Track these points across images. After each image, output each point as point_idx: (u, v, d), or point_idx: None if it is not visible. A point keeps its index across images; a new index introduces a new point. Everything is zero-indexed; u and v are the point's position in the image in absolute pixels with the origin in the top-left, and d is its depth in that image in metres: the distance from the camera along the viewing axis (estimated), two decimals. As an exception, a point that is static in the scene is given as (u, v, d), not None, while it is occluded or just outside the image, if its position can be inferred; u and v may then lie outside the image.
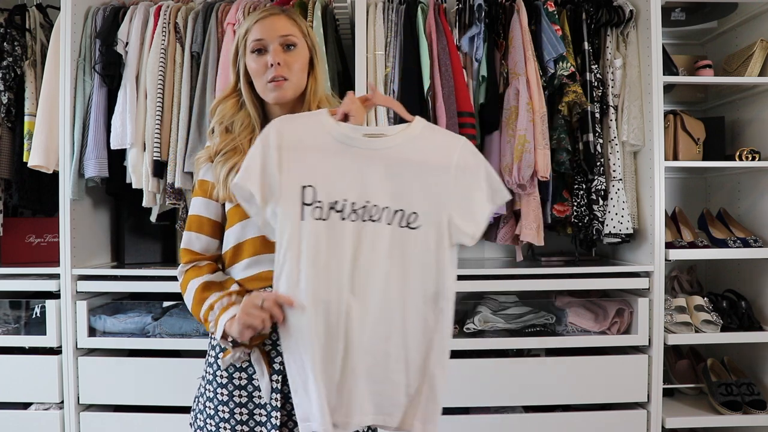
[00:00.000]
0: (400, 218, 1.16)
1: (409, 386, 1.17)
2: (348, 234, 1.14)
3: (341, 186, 1.15)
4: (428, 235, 1.17)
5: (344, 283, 1.13)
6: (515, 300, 2.29)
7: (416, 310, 1.17)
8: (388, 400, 1.17)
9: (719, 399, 2.20)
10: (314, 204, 1.14)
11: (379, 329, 1.15)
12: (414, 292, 1.17)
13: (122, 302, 2.31)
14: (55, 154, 2.16)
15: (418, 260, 1.17)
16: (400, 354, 1.16)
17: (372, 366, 1.16)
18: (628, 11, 2.23)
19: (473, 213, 1.19)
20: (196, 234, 1.29)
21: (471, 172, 1.19)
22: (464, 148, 1.21)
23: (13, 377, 2.13)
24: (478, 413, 2.16)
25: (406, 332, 1.17)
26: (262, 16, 1.28)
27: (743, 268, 2.44)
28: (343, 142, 1.17)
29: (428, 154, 1.18)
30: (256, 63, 1.26)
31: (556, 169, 2.18)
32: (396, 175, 1.16)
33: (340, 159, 1.16)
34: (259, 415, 1.24)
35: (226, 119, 1.30)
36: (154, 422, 2.10)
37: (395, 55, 2.14)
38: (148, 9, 2.22)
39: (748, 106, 2.45)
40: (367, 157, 1.16)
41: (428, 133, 1.22)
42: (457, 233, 1.18)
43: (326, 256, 1.13)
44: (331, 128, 1.18)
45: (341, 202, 1.14)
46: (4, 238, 2.34)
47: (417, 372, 1.17)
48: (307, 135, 1.17)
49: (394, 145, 1.18)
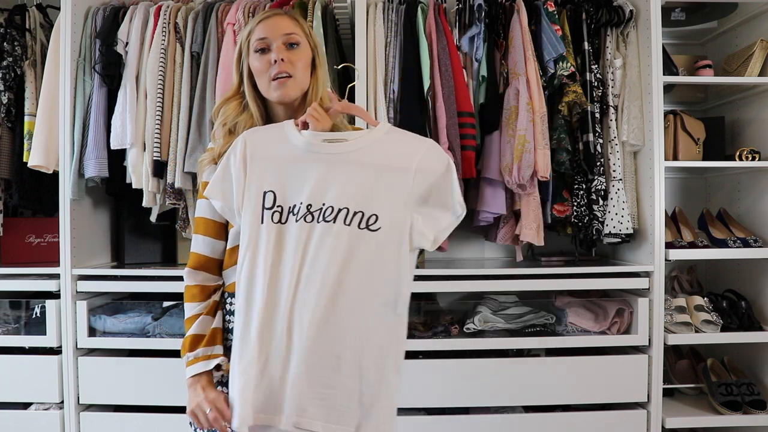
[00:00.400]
0: (359, 220, 1.16)
1: (363, 394, 1.15)
2: (300, 234, 1.16)
3: (300, 190, 1.18)
4: (388, 238, 1.17)
5: (293, 280, 1.15)
6: (515, 300, 2.29)
7: (374, 314, 1.16)
8: (340, 408, 1.14)
9: (719, 399, 2.20)
10: (274, 208, 1.18)
11: (328, 330, 1.14)
12: (372, 296, 1.16)
13: (122, 302, 2.31)
14: (55, 154, 2.16)
15: (377, 263, 1.16)
16: (354, 359, 1.14)
17: (321, 368, 1.14)
18: (628, 11, 2.23)
19: (435, 218, 1.20)
20: (202, 237, 1.30)
21: (433, 176, 1.19)
22: (428, 152, 1.21)
23: (13, 377, 2.13)
24: (478, 413, 2.16)
25: (362, 336, 1.15)
26: (265, 17, 1.30)
27: (743, 268, 2.44)
28: (306, 150, 1.20)
29: (390, 157, 1.20)
30: (260, 62, 1.27)
31: (556, 169, 2.18)
32: (356, 178, 1.18)
33: (302, 165, 1.19)
34: None
35: (229, 121, 1.31)
36: (154, 422, 2.10)
37: (395, 55, 2.14)
38: (148, 9, 2.22)
39: (748, 106, 2.45)
40: (326, 161, 1.19)
41: (392, 137, 1.23)
42: (418, 237, 1.18)
43: (279, 256, 1.16)
44: (294, 137, 1.22)
45: (298, 205, 1.17)
46: (4, 238, 2.34)
47: (372, 379, 1.15)
48: (271, 144, 1.22)
49: (356, 149, 1.20)
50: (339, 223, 1.16)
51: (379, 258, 1.16)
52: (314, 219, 1.16)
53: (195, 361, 1.25)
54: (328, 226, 1.15)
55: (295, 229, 1.16)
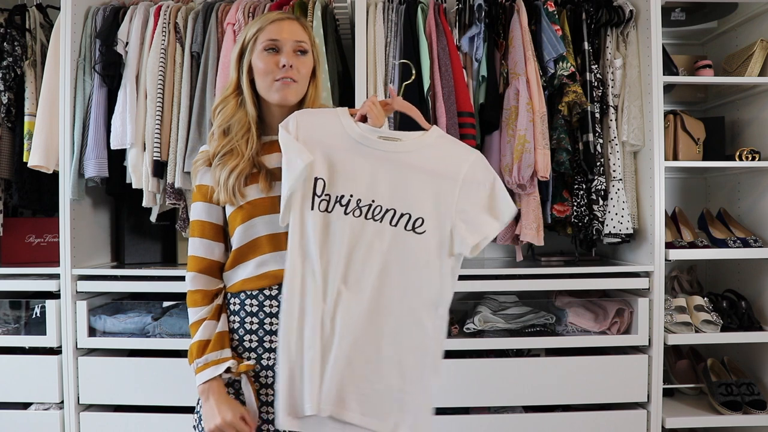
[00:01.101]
0: (405, 221, 1.19)
1: (402, 392, 1.17)
2: (348, 228, 1.17)
3: (350, 182, 1.19)
4: (432, 242, 1.19)
5: (338, 273, 1.17)
6: (515, 300, 2.29)
7: (414, 314, 1.18)
8: (378, 404, 1.16)
9: (719, 399, 2.20)
10: (322, 196, 1.18)
11: (371, 328, 1.17)
12: (413, 296, 1.18)
13: (122, 302, 2.31)
14: (55, 154, 2.16)
15: (420, 265, 1.19)
16: (395, 357, 1.17)
17: (361, 364, 1.16)
18: (628, 11, 2.23)
19: (477, 225, 1.21)
20: (199, 239, 1.30)
21: (478, 186, 1.21)
22: (475, 162, 1.24)
23: (13, 377, 2.13)
24: (478, 413, 2.16)
25: (402, 334, 1.17)
26: (278, 18, 1.30)
27: (743, 268, 2.44)
28: (358, 142, 1.21)
29: (439, 163, 1.22)
30: (266, 62, 1.27)
31: (556, 169, 2.18)
32: (406, 179, 1.20)
33: (353, 157, 1.20)
34: (267, 414, 1.26)
35: (225, 122, 1.31)
36: (154, 422, 2.09)
37: (395, 55, 2.14)
38: (148, 9, 2.22)
39: (748, 106, 2.45)
40: (379, 158, 1.20)
41: (442, 143, 1.25)
42: (460, 243, 1.20)
43: (325, 248, 1.17)
44: (349, 127, 1.22)
45: (347, 197, 1.18)
46: (4, 238, 2.34)
47: (412, 378, 1.17)
48: (324, 129, 1.22)
49: (407, 150, 1.21)
50: (386, 223, 1.18)
51: (423, 260, 1.19)
52: (362, 215, 1.18)
53: (204, 367, 1.23)
54: (375, 225, 1.18)
55: (342, 223, 1.18)
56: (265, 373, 1.25)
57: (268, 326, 1.25)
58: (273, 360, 1.25)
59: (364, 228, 1.17)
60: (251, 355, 1.26)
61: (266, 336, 1.25)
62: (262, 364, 1.26)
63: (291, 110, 1.30)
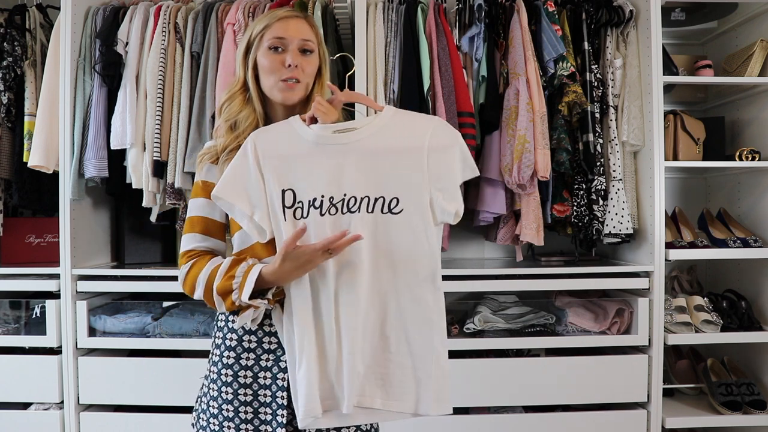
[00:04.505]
0: (381, 205, 1.19)
1: (417, 368, 1.19)
2: (327, 228, 1.18)
3: (319, 184, 1.19)
4: (413, 218, 1.19)
5: (330, 274, 1.18)
6: (515, 300, 2.29)
7: (413, 292, 1.20)
8: (397, 385, 1.20)
9: (719, 399, 2.20)
10: (294, 205, 1.19)
11: (373, 314, 1.19)
12: (409, 275, 1.20)
13: (122, 302, 2.31)
14: (55, 154, 2.16)
15: (407, 243, 1.19)
16: (400, 336, 1.20)
17: (372, 350, 1.19)
18: (628, 11, 2.23)
19: (453, 191, 1.22)
20: (202, 236, 1.28)
21: (445, 150, 1.22)
22: (437, 129, 1.24)
23: (13, 377, 2.13)
24: (478, 413, 2.16)
25: (405, 315, 1.19)
26: (285, 16, 1.29)
27: (743, 268, 2.44)
28: (316, 143, 1.21)
29: (401, 139, 1.22)
30: (271, 60, 1.27)
31: (556, 169, 2.18)
32: (371, 164, 1.20)
33: (316, 159, 1.20)
34: (264, 414, 1.24)
35: (231, 117, 1.30)
36: (154, 422, 2.10)
37: (395, 55, 2.14)
38: (148, 9, 2.22)
39: (748, 106, 2.45)
40: (341, 152, 1.20)
41: (399, 119, 1.25)
42: (441, 213, 1.21)
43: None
44: (303, 132, 1.23)
45: (319, 198, 1.19)
46: (4, 238, 2.34)
47: (423, 353, 1.19)
48: (282, 143, 1.23)
49: (366, 135, 1.21)
50: (363, 212, 1.19)
51: (409, 238, 1.19)
52: (338, 211, 1.19)
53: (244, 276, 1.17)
54: (354, 217, 1.18)
55: (321, 224, 1.18)
56: (264, 374, 1.25)
57: (267, 327, 1.25)
58: (271, 361, 1.25)
59: (343, 223, 1.18)
60: (251, 355, 1.26)
61: (265, 337, 1.25)
62: (261, 365, 1.25)
63: (295, 109, 1.30)
